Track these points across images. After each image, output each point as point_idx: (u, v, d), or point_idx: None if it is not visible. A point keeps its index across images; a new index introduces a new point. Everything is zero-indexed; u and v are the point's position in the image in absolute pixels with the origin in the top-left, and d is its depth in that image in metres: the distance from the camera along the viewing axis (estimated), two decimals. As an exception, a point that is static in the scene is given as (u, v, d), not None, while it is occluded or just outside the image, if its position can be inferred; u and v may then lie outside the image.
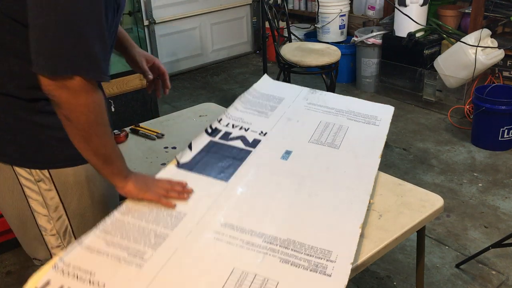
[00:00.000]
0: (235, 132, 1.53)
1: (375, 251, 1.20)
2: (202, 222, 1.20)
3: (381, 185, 1.46)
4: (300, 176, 1.38)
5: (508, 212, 2.49)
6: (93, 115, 1.07)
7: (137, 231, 1.16)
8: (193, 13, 4.57)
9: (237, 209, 1.25)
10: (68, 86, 1.01)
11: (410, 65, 3.72)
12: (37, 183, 1.21)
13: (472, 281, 2.06)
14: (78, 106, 1.04)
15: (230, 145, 1.48)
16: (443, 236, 2.33)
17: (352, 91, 4.11)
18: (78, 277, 1.03)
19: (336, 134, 1.56)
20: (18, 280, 2.19)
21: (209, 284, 1.03)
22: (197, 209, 1.24)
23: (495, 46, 3.22)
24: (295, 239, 1.15)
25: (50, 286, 1.01)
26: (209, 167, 1.39)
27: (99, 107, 1.08)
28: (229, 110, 1.62)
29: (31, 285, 1.01)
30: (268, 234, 1.16)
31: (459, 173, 2.85)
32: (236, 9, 4.92)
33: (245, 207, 1.26)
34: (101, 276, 1.04)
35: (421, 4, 3.57)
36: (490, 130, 3.03)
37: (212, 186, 1.32)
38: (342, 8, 4.13)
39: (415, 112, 3.67)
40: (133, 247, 1.11)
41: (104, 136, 1.12)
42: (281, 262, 1.08)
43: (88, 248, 1.11)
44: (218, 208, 1.25)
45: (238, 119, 1.59)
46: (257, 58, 5.02)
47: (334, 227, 1.20)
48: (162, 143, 1.84)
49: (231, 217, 1.22)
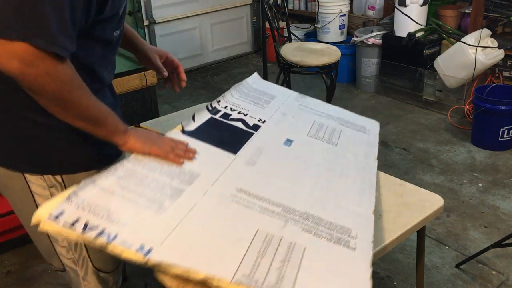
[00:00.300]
0: (234, 114, 1.49)
1: (375, 251, 1.20)
2: (217, 184, 1.16)
3: (381, 185, 1.47)
4: (306, 161, 1.36)
5: (508, 212, 2.48)
6: (59, 83, 0.95)
7: (152, 181, 1.11)
8: (193, 13, 4.57)
9: (250, 179, 1.21)
10: (17, 54, 0.89)
11: (410, 65, 3.71)
12: (49, 189, 1.17)
13: (472, 281, 2.06)
14: (37, 77, 0.92)
15: (232, 125, 1.44)
16: (443, 236, 2.33)
17: (352, 91, 4.11)
18: (95, 213, 0.99)
19: (332, 134, 1.55)
20: (18, 280, 2.19)
21: (234, 243, 1.00)
22: (210, 172, 1.19)
23: (495, 46, 3.22)
24: (314, 213, 1.13)
25: (65, 216, 0.96)
26: (215, 139, 1.33)
27: (66, 76, 0.96)
28: (225, 95, 1.58)
29: (43, 211, 0.96)
30: (286, 205, 1.13)
31: (459, 173, 2.85)
32: (236, 9, 4.91)
33: (258, 179, 1.22)
34: (120, 215, 1.00)
35: (421, 4, 3.57)
36: (490, 130, 3.03)
37: (220, 156, 1.28)
38: (342, 8, 4.13)
39: (415, 112, 3.67)
40: (150, 195, 1.07)
41: (82, 100, 1.02)
42: (303, 231, 1.06)
43: (103, 188, 1.06)
44: (231, 176, 1.20)
45: (235, 104, 1.56)
46: (257, 58, 5.02)
47: (348, 209, 1.19)
48: (162, 143, 1.84)
49: (246, 185, 1.17)
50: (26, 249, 2.33)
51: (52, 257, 1.32)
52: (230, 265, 0.94)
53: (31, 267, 2.24)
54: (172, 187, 1.11)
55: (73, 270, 1.30)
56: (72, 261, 1.28)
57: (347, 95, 4.06)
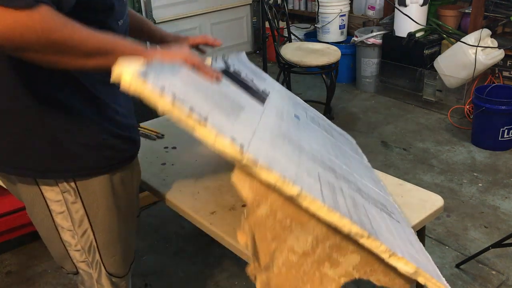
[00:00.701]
0: (243, 75, 1.34)
1: (375, 251, 1.20)
2: (264, 117, 1.06)
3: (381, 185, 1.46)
4: (318, 137, 1.30)
5: (508, 212, 2.48)
6: (39, 26, 0.84)
7: (208, 89, 0.98)
8: (193, 13, 4.57)
9: (287, 131, 1.12)
10: None
11: (410, 65, 3.71)
12: (62, 194, 1.15)
13: (472, 281, 2.06)
14: (11, 30, 0.82)
15: (244, 83, 1.28)
16: (443, 236, 2.33)
17: (352, 91, 4.11)
18: (179, 90, 0.84)
19: (325, 127, 1.52)
20: (18, 280, 2.19)
21: (310, 169, 0.94)
22: (252, 107, 1.09)
23: (495, 46, 3.22)
24: (352, 180, 1.09)
25: (151, 78, 0.82)
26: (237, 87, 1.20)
27: (44, 17, 0.84)
28: (228, 56, 1.43)
29: (129, 68, 0.83)
30: (328, 164, 1.08)
31: (459, 173, 2.85)
32: (236, 9, 4.91)
33: (295, 133, 1.15)
34: (201, 105, 0.87)
35: (421, 4, 3.57)
36: (490, 130, 3.03)
37: (251, 100, 1.16)
38: (342, 8, 4.13)
39: (415, 112, 3.67)
40: (216, 99, 0.96)
41: (76, 33, 0.89)
42: (354, 191, 1.02)
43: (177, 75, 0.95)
44: (272, 117, 1.11)
45: (239, 68, 1.40)
46: (257, 58, 5.02)
47: (372, 188, 1.17)
48: (162, 143, 1.84)
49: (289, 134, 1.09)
50: (26, 249, 2.33)
51: (64, 260, 1.31)
52: (315, 189, 0.86)
53: (31, 267, 2.24)
54: (233, 101, 1.00)
55: (87, 273, 1.30)
56: (86, 264, 1.28)
57: (347, 95, 4.05)
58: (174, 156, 1.74)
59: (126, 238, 1.31)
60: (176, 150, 1.78)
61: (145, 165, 1.69)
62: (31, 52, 0.87)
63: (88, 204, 1.17)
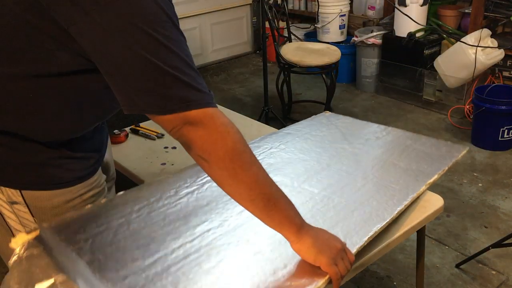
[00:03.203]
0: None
1: (375, 251, 1.20)
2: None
3: (381, 185, 1.46)
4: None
5: (508, 212, 2.48)
6: (230, 143, 0.89)
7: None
8: (193, 13, 4.57)
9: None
10: (193, 120, 0.88)
11: (410, 65, 3.71)
12: (11, 206, 1.09)
13: (472, 281, 2.06)
14: (210, 140, 0.89)
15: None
16: (443, 236, 2.33)
17: (352, 91, 4.11)
18: None
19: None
20: (18, 280, 2.18)
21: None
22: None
23: (495, 46, 3.22)
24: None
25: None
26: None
27: (233, 133, 0.91)
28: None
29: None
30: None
31: (459, 173, 2.85)
32: (236, 9, 4.91)
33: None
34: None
35: (421, 4, 3.57)
36: (490, 130, 3.03)
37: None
38: (342, 8, 4.13)
39: (415, 112, 3.67)
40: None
41: (252, 168, 0.92)
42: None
43: None
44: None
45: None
46: (257, 58, 5.02)
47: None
48: (162, 143, 1.84)
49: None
50: (26, 249, 2.33)
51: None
52: None
53: (31, 267, 2.24)
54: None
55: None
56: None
57: (347, 95, 4.06)
58: (174, 156, 1.74)
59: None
60: (176, 150, 1.78)
61: (145, 165, 1.69)
62: (204, 162, 0.91)
63: (38, 216, 1.10)
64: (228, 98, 4.05)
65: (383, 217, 1.22)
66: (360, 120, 1.79)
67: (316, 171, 1.44)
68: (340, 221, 1.19)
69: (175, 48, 0.87)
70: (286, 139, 1.65)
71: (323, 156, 1.53)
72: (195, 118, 0.88)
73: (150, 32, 0.84)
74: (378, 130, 1.72)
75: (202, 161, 0.91)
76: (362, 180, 1.39)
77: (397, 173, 1.43)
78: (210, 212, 1.20)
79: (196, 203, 1.23)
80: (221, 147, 0.89)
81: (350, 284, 2.03)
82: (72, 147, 1.10)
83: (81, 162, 1.11)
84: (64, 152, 1.08)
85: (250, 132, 1.83)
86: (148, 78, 0.86)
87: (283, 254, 1.05)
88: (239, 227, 1.14)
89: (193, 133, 0.89)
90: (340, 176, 1.41)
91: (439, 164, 1.48)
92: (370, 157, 1.54)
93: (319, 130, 1.72)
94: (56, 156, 1.07)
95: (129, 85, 0.87)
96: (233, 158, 0.89)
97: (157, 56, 0.85)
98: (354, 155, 1.55)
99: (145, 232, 1.12)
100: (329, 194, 1.31)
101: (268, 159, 1.50)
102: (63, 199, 1.11)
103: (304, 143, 1.64)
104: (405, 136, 1.68)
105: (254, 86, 4.30)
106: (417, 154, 1.55)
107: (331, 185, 1.36)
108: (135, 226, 1.13)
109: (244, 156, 0.91)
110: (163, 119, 0.90)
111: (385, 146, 1.61)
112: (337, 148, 1.60)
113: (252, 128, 1.90)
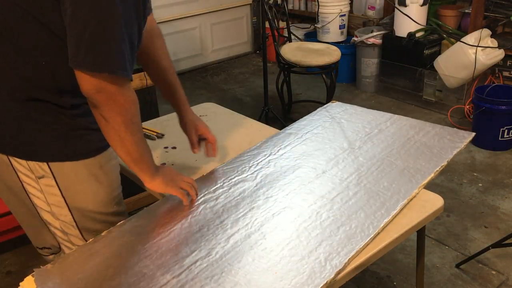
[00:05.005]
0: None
1: (375, 251, 1.20)
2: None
3: (381, 185, 1.46)
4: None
5: (508, 212, 2.48)
6: (129, 114, 1.11)
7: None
8: (193, 13, 4.57)
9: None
10: (105, 86, 1.04)
11: (410, 65, 3.71)
12: (38, 180, 1.19)
13: (472, 281, 2.06)
14: (115, 106, 1.08)
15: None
16: (443, 236, 2.33)
17: (352, 91, 4.11)
18: None
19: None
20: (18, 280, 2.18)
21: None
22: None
23: (495, 46, 3.22)
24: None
25: None
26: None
27: (134, 106, 1.12)
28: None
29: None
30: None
31: (459, 173, 2.85)
32: (236, 9, 4.91)
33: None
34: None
35: (421, 4, 3.57)
36: (490, 130, 3.03)
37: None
38: (342, 8, 4.13)
39: (415, 112, 3.67)
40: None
41: (137, 134, 1.16)
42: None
43: None
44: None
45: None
46: (257, 58, 5.02)
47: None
48: (162, 143, 1.84)
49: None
50: (26, 249, 2.33)
51: (44, 237, 1.35)
52: None
53: (31, 267, 2.24)
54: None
55: (69, 249, 1.32)
56: (68, 242, 1.31)
57: (347, 95, 4.06)
58: (174, 156, 1.74)
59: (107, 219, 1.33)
60: (176, 150, 1.78)
61: (145, 165, 1.69)
62: (104, 120, 1.11)
63: (64, 187, 1.22)
64: (228, 98, 4.05)
65: (368, 232, 1.23)
66: (366, 109, 1.87)
67: (310, 179, 1.46)
68: (325, 239, 1.20)
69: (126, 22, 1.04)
70: (286, 143, 1.68)
71: (320, 161, 1.55)
72: (111, 84, 1.05)
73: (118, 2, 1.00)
74: (382, 121, 1.75)
75: (102, 119, 1.10)
76: (355, 187, 1.40)
77: (392, 175, 1.45)
78: (200, 240, 1.23)
79: (189, 229, 1.27)
80: (121, 117, 1.10)
81: (350, 284, 2.03)
82: (88, 118, 1.19)
83: (98, 132, 1.18)
84: (82, 123, 1.19)
85: (250, 132, 1.83)
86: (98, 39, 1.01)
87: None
88: (225, 256, 1.17)
89: (103, 98, 1.06)
90: (334, 185, 1.42)
91: (438, 159, 1.50)
92: (368, 157, 1.55)
93: (321, 127, 1.76)
94: (76, 126, 1.18)
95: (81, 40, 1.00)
96: (127, 127, 1.12)
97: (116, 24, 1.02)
98: (352, 155, 1.56)
99: (137, 268, 1.15)
100: (318, 208, 1.33)
101: (266, 169, 1.53)
102: (86, 172, 1.22)
103: (304, 145, 1.65)
104: (408, 125, 1.71)
105: (254, 86, 4.30)
106: (417, 148, 1.57)
107: (322, 197, 1.37)
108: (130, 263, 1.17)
109: (134, 127, 1.14)
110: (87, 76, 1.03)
111: (386, 141, 1.63)
112: (336, 149, 1.61)
113: (252, 128, 1.90)
